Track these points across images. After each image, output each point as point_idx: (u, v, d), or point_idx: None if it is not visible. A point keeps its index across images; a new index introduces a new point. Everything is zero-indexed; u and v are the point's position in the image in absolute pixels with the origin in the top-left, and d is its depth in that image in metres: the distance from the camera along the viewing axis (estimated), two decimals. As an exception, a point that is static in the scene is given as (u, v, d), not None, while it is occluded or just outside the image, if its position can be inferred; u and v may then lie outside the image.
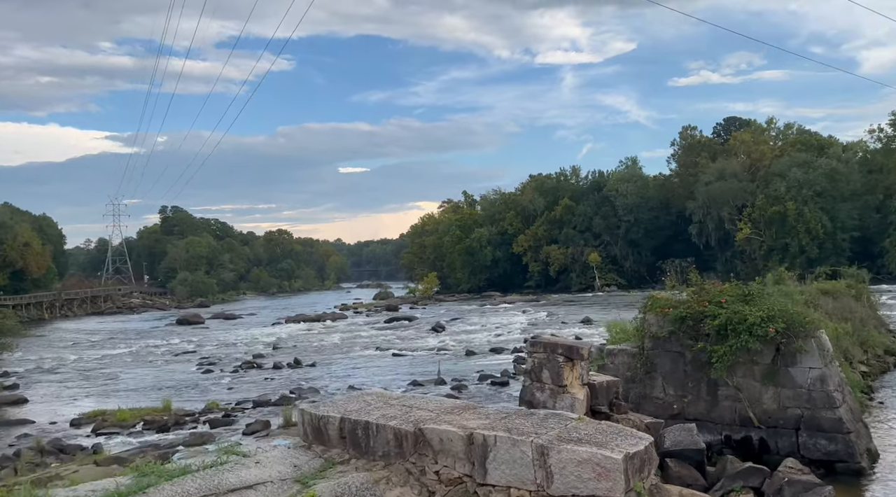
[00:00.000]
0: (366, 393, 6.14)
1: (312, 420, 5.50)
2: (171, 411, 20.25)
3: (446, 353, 30.86)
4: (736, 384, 9.97)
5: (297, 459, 5.20)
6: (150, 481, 4.75)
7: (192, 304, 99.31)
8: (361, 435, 5.17)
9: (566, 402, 7.56)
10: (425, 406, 5.50)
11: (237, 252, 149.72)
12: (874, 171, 72.06)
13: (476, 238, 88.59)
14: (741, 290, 10.23)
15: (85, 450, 16.51)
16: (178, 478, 4.79)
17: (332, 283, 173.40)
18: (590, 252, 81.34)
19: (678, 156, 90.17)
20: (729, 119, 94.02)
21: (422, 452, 4.81)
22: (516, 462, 4.34)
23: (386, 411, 5.35)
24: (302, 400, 21.20)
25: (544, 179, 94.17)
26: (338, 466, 5.07)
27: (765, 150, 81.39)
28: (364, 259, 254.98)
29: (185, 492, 4.55)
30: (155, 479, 4.82)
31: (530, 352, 8.07)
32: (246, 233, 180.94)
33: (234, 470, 4.87)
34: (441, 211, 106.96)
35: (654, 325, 10.83)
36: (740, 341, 9.41)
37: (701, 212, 78.39)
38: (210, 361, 32.93)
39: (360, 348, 35.21)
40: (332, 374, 27.15)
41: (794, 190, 69.58)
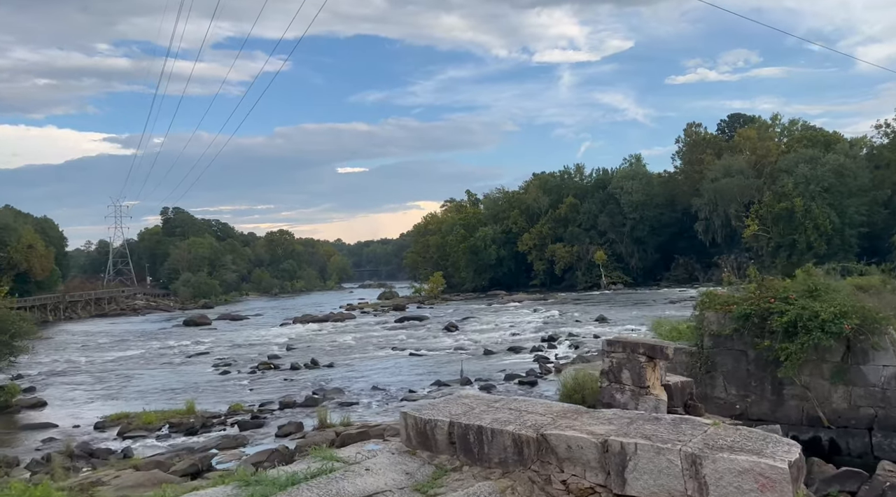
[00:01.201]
0: (461, 395, 5.88)
1: (417, 424, 5.24)
2: (195, 413, 20.01)
3: (464, 353, 30.60)
4: (804, 383, 9.72)
5: (407, 466, 4.94)
6: (263, 491, 4.49)
7: (196, 306, 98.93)
8: (474, 440, 4.90)
9: (649, 404, 7.31)
10: (534, 409, 5.24)
11: (239, 253, 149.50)
12: (881, 166, 71.84)
13: (480, 237, 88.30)
14: (807, 285, 9.96)
15: (114, 453, 16.27)
16: (293, 487, 4.53)
17: (333, 284, 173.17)
18: (595, 250, 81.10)
19: (683, 153, 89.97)
20: (733, 115, 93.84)
21: (544, 460, 4.55)
22: (662, 472, 4.07)
23: (496, 415, 5.08)
24: (327, 400, 21.03)
25: (548, 178, 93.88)
26: (451, 474, 4.81)
27: (770, 147, 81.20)
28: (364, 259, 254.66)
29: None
30: (268, 488, 4.57)
31: (608, 352, 7.81)
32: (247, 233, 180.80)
33: (347, 478, 4.61)
34: (444, 210, 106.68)
35: (714, 323, 10.57)
36: (812, 338, 9.15)
37: (707, 209, 78.15)
38: (226, 362, 32.68)
39: (375, 348, 34.95)
40: (352, 375, 26.89)
41: (802, 186, 69.34)
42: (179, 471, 12.43)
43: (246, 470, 5.14)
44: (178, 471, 12.43)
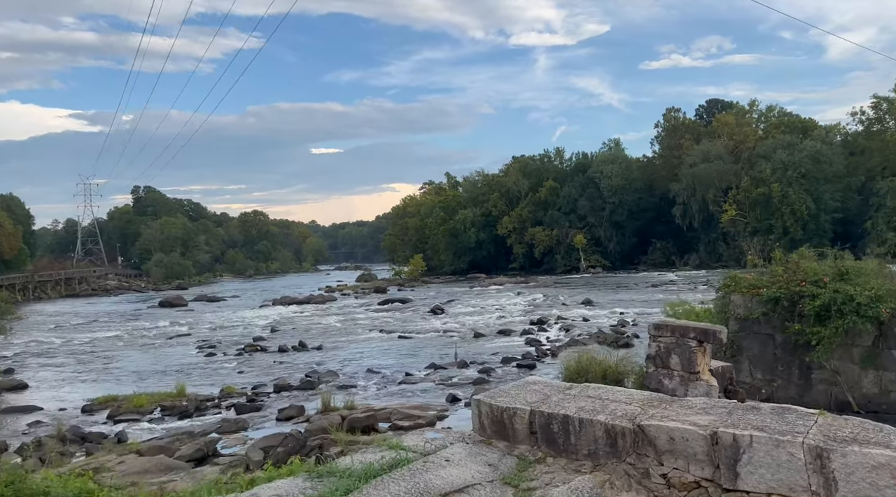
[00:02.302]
0: (529, 381, 5.60)
1: (493, 412, 4.94)
2: (187, 396, 19.51)
3: (453, 336, 30.41)
4: (833, 367, 9.65)
5: (487, 457, 4.65)
6: (346, 484, 4.17)
7: (170, 287, 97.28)
8: (558, 430, 4.62)
9: (700, 391, 7.09)
10: (616, 397, 4.97)
11: (212, 233, 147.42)
12: (856, 153, 73.07)
13: (460, 220, 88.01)
14: (837, 269, 9.87)
15: (108, 438, 15.76)
16: (376, 479, 4.21)
17: (309, 266, 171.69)
18: (575, 234, 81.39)
19: (661, 138, 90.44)
20: (711, 101, 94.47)
21: (641, 452, 4.28)
22: (781, 466, 3.84)
23: (578, 404, 4.80)
24: (324, 384, 20.66)
25: (528, 161, 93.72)
26: (536, 466, 4.53)
27: (748, 132, 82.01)
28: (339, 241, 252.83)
29: (395, 495, 3.99)
30: (348, 481, 4.24)
31: (655, 335, 7.57)
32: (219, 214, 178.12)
33: (430, 470, 4.31)
34: (423, 192, 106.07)
35: (740, 307, 10.45)
36: (846, 322, 9.06)
37: (685, 194, 78.81)
38: (210, 344, 32.06)
39: (362, 331, 34.60)
40: (343, 358, 26.54)
41: (780, 172, 70.31)
42: (185, 456, 12.03)
43: (299, 462, 4.79)
44: (183, 456, 12.03)
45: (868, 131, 72.38)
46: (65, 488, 5.15)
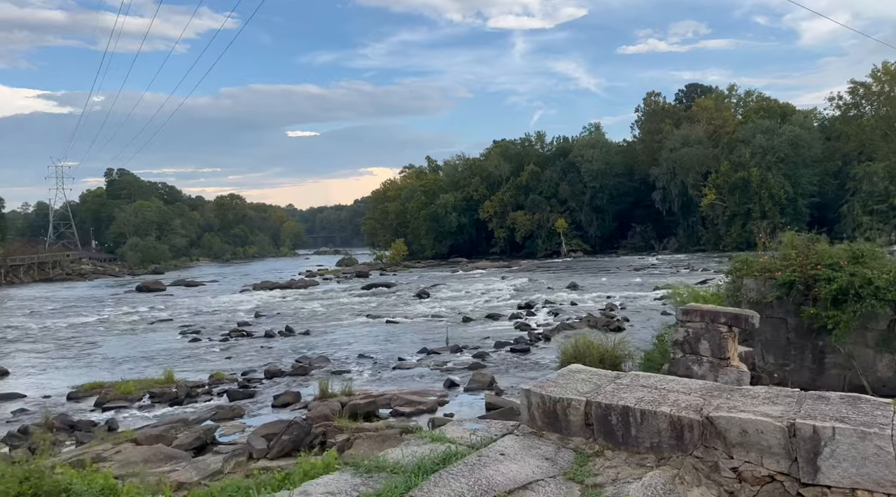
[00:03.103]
0: (573, 369, 5.38)
1: (545, 403, 4.71)
2: (176, 382, 19.09)
3: (442, 320, 30.24)
4: (847, 351, 9.61)
5: (542, 451, 4.44)
6: (405, 482, 3.92)
7: (146, 271, 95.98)
8: (617, 422, 4.41)
9: (731, 377, 6.99)
10: (672, 386, 4.78)
11: (187, 217, 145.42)
12: (832, 138, 74.06)
13: (441, 204, 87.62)
14: (852, 251, 9.81)
15: (97, 426, 15.34)
16: (434, 475, 3.97)
17: (287, 250, 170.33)
18: (556, 218, 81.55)
19: (642, 122, 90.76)
20: (691, 85, 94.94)
21: (709, 445, 4.10)
22: (868, 459, 3.68)
23: (635, 394, 4.60)
24: (316, 369, 20.36)
25: (509, 145, 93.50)
26: (596, 460, 4.33)
27: (727, 117, 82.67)
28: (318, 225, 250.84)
29: (458, 493, 3.76)
30: (407, 478, 4.00)
31: (683, 321, 7.44)
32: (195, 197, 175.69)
33: (488, 465, 4.09)
34: (403, 176, 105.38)
35: (753, 291, 10.35)
36: (865, 306, 9.01)
37: (665, 178, 79.31)
38: (193, 330, 31.52)
39: (349, 316, 34.26)
40: (332, 343, 26.23)
41: (759, 156, 71.04)
42: (184, 444, 11.71)
43: (362, 457, 4.54)
44: (182, 444, 11.70)
45: (845, 116, 73.32)
46: (88, 485, 4.84)
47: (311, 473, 4.95)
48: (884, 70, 69.52)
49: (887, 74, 69.22)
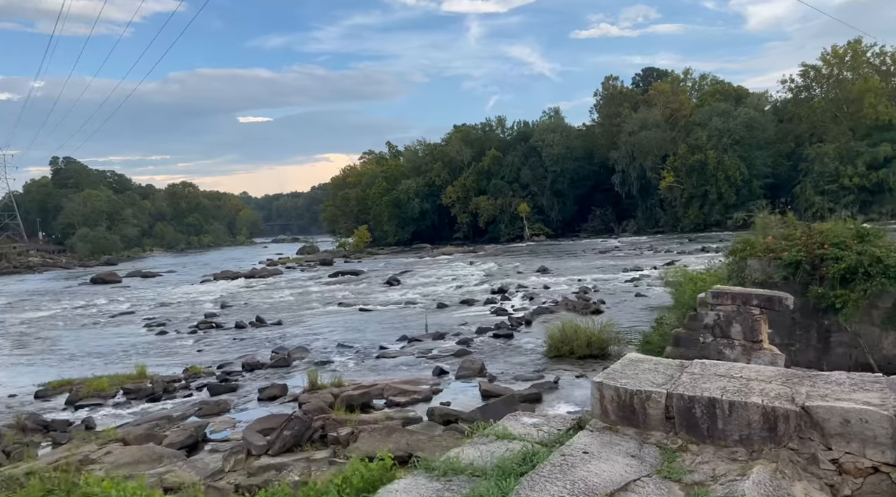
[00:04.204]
0: (633, 359, 5.17)
1: (620, 396, 4.49)
2: (150, 378, 18.35)
3: (416, 307, 29.97)
4: (854, 330, 9.71)
5: (623, 447, 4.22)
6: (498, 487, 3.66)
7: (98, 263, 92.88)
8: (702, 415, 4.22)
9: (764, 361, 6.92)
10: (750, 375, 4.59)
11: (139, 206, 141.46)
12: (784, 120, 76.03)
13: (403, 190, 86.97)
14: (857, 231, 9.91)
15: (73, 425, 14.62)
16: (527, 478, 3.72)
17: (244, 238, 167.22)
18: (519, 203, 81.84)
19: (600, 106, 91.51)
20: (647, 69, 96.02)
21: (804, 436, 3.94)
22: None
23: (715, 384, 4.41)
24: (296, 360, 19.87)
25: (470, 130, 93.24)
26: (682, 455, 4.13)
27: (683, 100, 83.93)
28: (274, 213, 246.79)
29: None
30: (499, 482, 3.74)
31: (713, 304, 7.34)
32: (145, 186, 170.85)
33: (577, 465, 3.87)
34: (363, 162, 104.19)
35: (758, 271, 10.38)
36: (875, 285, 9.09)
37: (624, 161, 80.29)
38: (158, 322, 30.52)
39: (319, 304, 33.67)
40: (306, 333, 25.68)
41: (715, 138, 72.48)
42: (176, 443, 11.20)
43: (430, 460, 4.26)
44: (174, 443, 11.19)
45: (797, 99, 75.32)
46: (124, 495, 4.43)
47: (369, 477, 4.65)
48: (833, 54, 71.58)
49: (836, 58, 71.29)
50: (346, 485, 4.46)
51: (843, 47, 70.54)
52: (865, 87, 67.18)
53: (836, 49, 71.13)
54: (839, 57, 70.87)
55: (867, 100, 66.84)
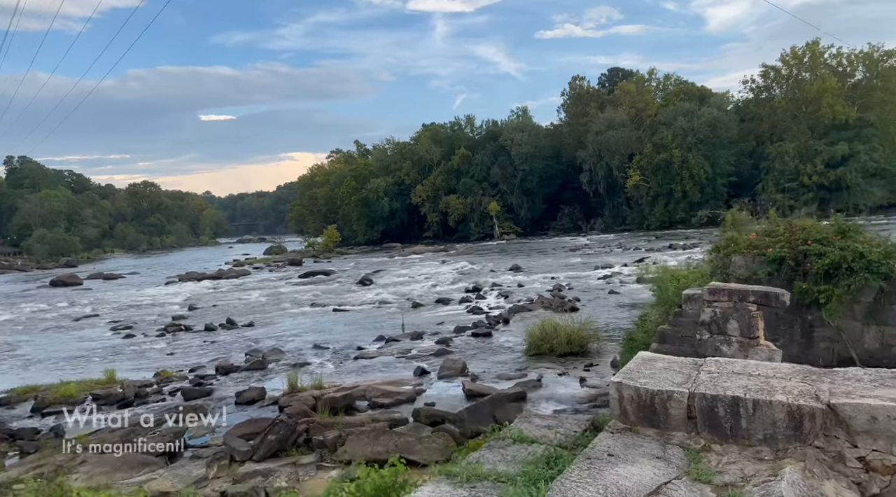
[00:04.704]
0: (647, 358, 5.10)
1: (641, 396, 4.41)
2: (120, 383, 17.82)
3: (391, 307, 29.75)
4: (836, 324, 9.86)
5: (647, 449, 4.14)
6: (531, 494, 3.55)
7: (57, 265, 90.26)
8: (725, 414, 4.16)
9: (762, 356, 6.96)
10: (767, 372, 4.55)
11: (98, 206, 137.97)
12: (746, 119, 77.67)
13: (372, 189, 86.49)
14: (839, 227, 10.07)
15: (41, 433, 14.07)
16: (556, 483, 3.62)
17: (208, 239, 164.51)
18: (488, 201, 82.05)
19: (567, 106, 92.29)
20: (613, 69, 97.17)
21: (829, 434, 3.92)
22: None
23: (736, 382, 4.36)
24: (271, 362, 19.50)
25: (439, 128, 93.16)
26: (707, 456, 4.07)
27: (648, 100, 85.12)
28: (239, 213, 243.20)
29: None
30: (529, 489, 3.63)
31: (709, 301, 7.35)
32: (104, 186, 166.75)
33: (606, 468, 3.78)
34: (331, 161, 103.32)
35: (742, 268, 10.47)
36: (858, 280, 9.24)
37: (592, 160, 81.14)
38: (125, 325, 29.71)
39: (291, 305, 33.19)
40: (280, 334, 25.25)
41: (680, 138, 73.69)
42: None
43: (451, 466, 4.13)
44: (152, 450, 10.81)
45: (758, 99, 76.99)
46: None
47: (382, 484, 4.50)
48: (792, 54, 73.35)
49: (795, 58, 73.07)
50: (360, 492, 4.30)
51: (801, 48, 72.36)
52: (823, 87, 69.01)
53: (794, 50, 72.94)
54: (798, 58, 72.67)
55: (825, 100, 68.67)
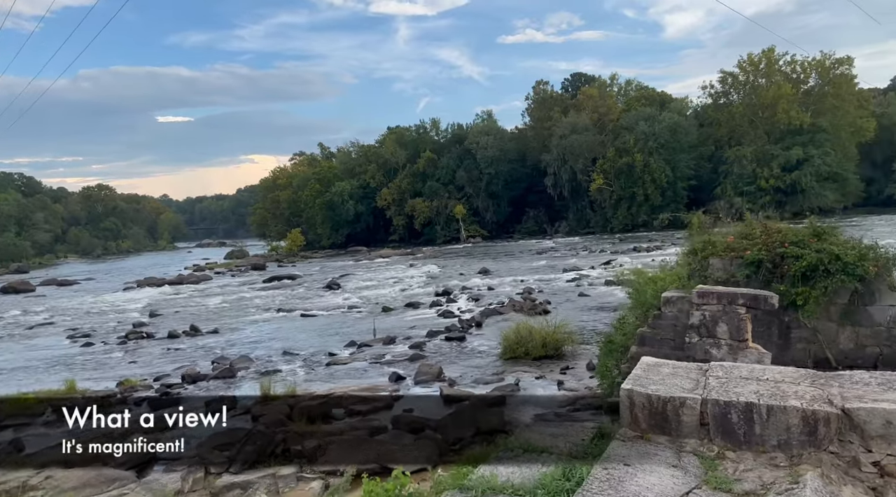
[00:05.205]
0: (650, 364, 5.05)
1: (652, 403, 4.33)
2: (82, 393, 17.17)
3: (360, 311, 29.43)
4: (812, 326, 10.02)
5: (661, 457, 4.06)
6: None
7: (7, 271, 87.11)
8: (739, 420, 4.12)
9: (751, 359, 7.00)
10: (776, 376, 4.52)
11: (51, 210, 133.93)
12: (705, 124, 79.40)
13: (337, 192, 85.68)
14: (814, 229, 10.24)
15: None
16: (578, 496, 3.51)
17: (166, 243, 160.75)
18: (455, 204, 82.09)
19: (532, 110, 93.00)
20: (576, 75, 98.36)
21: (844, 439, 3.91)
22: None
23: (747, 388, 4.33)
24: (239, 369, 19.05)
25: (404, 131, 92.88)
26: (723, 463, 4.01)
27: (610, 105, 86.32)
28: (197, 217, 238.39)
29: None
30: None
31: (698, 304, 7.36)
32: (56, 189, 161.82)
33: (626, 479, 3.69)
34: (294, 164, 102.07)
35: (719, 270, 10.56)
36: (835, 282, 9.40)
37: (556, 164, 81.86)
38: (83, 333, 28.73)
39: (257, 311, 32.56)
40: (248, 341, 24.74)
41: (641, 142, 74.90)
42: (125, 463, 10.39)
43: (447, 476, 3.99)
44: (121, 463, 10.37)
45: (716, 104, 78.76)
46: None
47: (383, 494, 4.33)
48: (749, 61, 75.26)
49: (752, 65, 75.01)
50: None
51: (758, 55, 74.32)
52: (778, 93, 70.97)
53: (751, 57, 74.84)
54: (754, 64, 74.60)
55: (780, 105, 70.63)
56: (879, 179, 76.26)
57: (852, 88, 73.61)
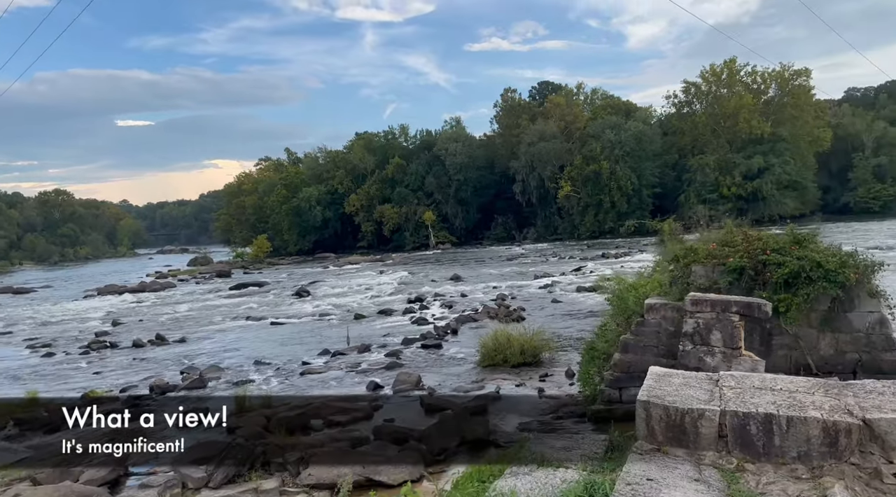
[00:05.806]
0: (661, 374, 4.97)
1: (670, 415, 4.24)
2: (43, 405, 16.49)
3: (332, 319, 29.05)
4: (793, 332, 10.14)
5: (681, 471, 3.98)
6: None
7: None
8: (758, 432, 4.06)
9: (745, 367, 7.01)
10: (787, 386, 4.49)
11: (5, 216, 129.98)
12: (669, 133, 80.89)
13: (304, 198, 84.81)
14: (794, 237, 10.38)
15: (-43, 467, 12.79)
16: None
17: (126, 250, 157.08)
18: (424, 211, 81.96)
19: (500, 117, 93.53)
20: (543, 83, 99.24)
21: (865, 450, 3.88)
22: None
23: (763, 399, 4.27)
24: (210, 380, 18.57)
25: (372, 137, 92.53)
26: (744, 476, 3.94)
27: (577, 113, 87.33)
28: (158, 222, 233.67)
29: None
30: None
31: (691, 312, 7.35)
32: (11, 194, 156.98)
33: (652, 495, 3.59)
34: (260, 169, 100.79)
35: (702, 277, 10.62)
36: (817, 289, 9.52)
37: (524, 171, 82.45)
38: (43, 343, 27.76)
39: (224, 319, 31.89)
40: (217, 350, 24.16)
41: (608, 150, 75.92)
42: (95, 479, 10.00)
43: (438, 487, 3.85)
44: (92, 480, 9.99)
45: (680, 113, 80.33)
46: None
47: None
48: (711, 72, 76.99)
49: (714, 75, 76.73)
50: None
51: (720, 66, 76.03)
52: (740, 103, 72.73)
53: (713, 67, 76.58)
54: (716, 75, 76.32)
55: (742, 115, 72.37)
56: (835, 188, 78.66)
57: (810, 99, 75.86)
